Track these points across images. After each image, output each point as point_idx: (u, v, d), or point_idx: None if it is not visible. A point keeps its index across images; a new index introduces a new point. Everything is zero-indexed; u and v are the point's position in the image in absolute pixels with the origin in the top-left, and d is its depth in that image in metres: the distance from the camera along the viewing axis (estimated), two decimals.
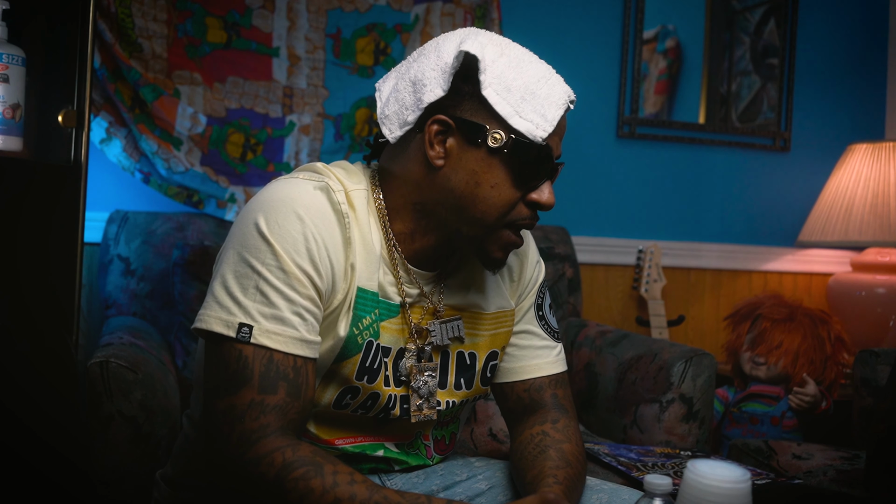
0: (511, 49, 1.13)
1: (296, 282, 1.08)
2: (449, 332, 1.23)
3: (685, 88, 3.05)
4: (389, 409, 1.21)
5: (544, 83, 1.12)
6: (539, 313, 1.33)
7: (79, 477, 1.51)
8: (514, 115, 1.10)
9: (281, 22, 2.46)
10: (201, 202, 2.39)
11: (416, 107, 1.13)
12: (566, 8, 2.85)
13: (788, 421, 2.44)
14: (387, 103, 1.17)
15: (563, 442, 1.23)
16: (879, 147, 2.85)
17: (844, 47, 3.18)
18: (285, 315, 1.07)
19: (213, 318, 1.08)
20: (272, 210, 1.09)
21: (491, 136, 1.10)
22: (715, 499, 0.92)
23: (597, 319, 2.85)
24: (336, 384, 1.17)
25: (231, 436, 1.05)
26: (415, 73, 1.14)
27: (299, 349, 1.08)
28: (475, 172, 1.12)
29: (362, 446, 1.23)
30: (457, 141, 1.12)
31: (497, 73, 1.10)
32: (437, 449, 1.32)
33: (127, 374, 1.67)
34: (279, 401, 1.06)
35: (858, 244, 2.85)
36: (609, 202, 2.94)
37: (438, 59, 1.12)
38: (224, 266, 1.10)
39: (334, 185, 1.14)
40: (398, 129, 1.15)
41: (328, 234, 1.11)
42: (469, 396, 1.28)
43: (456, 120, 1.11)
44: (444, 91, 1.11)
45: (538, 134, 1.10)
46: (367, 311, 1.16)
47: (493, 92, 1.09)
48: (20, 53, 1.56)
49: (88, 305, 2.38)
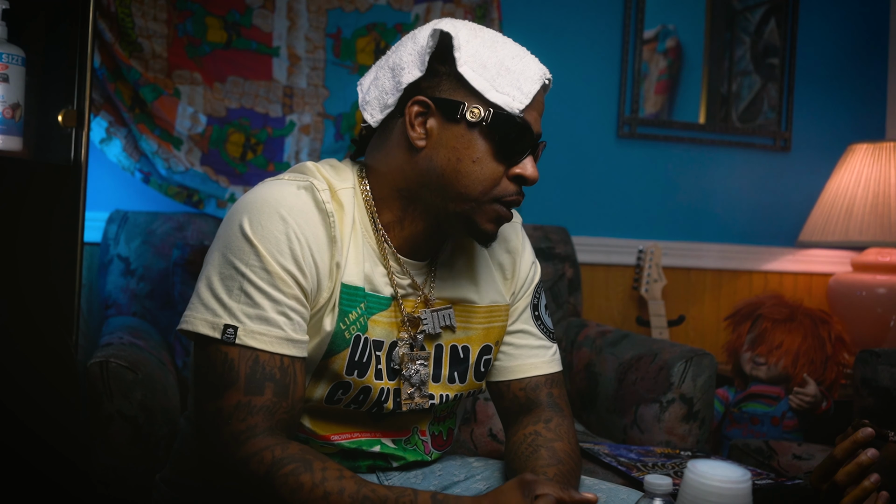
0: (484, 32, 1.16)
1: (280, 282, 1.09)
2: (441, 321, 1.24)
3: (685, 88, 3.04)
4: (382, 403, 1.21)
5: (518, 60, 1.15)
6: (535, 314, 1.34)
7: (79, 477, 1.51)
8: (490, 89, 1.12)
9: (281, 21, 2.46)
10: (201, 202, 2.39)
11: (395, 90, 1.15)
12: (566, 8, 2.85)
13: (789, 421, 2.43)
14: (368, 91, 1.20)
15: (555, 441, 1.24)
16: (880, 147, 2.85)
17: (845, 47, 3.18)
18: (270, 315, 1.08)
19: (199, 319, 1.09)
20: (255, 211, 1.11)
21: (469, 110, 1.12)
22: (715, 499, 0.92)
23: (597, 319, 2.85)
24: (327, 380, 1.18)
25: (220, 437, 1.06)
26: (394, 60, 1.18)
27: (285, 349, 1.09)
28: (456, 149, 1.14)
29: (358, 442, 1.23)
30: (437, 120, 1.14)
31: (472, 51, 1.13)
32: (435, 445, 1.33)
33: (127, 374, 1.67)
34: (266, 401, 1.07)
35: (859, 244, 2.85)
36: (609, 202, 2.93)
37: (415, 43, 1.16)
38: (209, 267, 1.11)
39: (319, 184, 1.15)
40: (379, 112, 1.18)
41: (312, 234, 1.12)
42: (463, 391, 1.29)
43: (435, 100, 1.14)
44: (422, 72, 1.13)
45: (515, 106, 1.13)
46: (353, 306, 1.17)
47: (468, 69, 1.12)
48: (20, 53, 1.56)
49: (88, 305, 2.38)
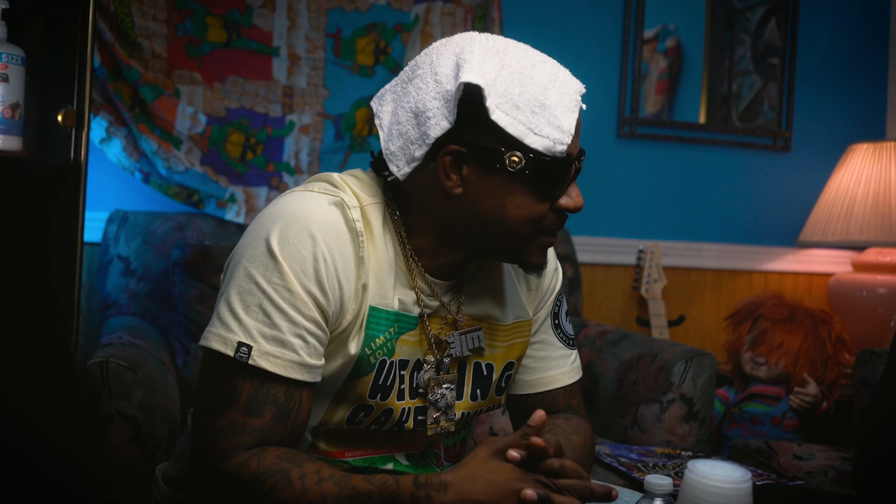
0: (510, 56, 1.07)
1: (300, 303, 1.05)
2: (469, 344, 1.20)
3: (686, 88, 3.04)
4: (403, 423, 1.18)
5: (552, 89, 1.06)
6: (555, 322, 1.31)
7: (79, 477, 1.50)
8: (528, 133, 1.04)
9: (281, 21, 2.45)
10: (201, 202, 2.38)
11: (422, 141, 1.07)
12: (566, 8, 2.85)
13: (789, 421, 2.43)
14: (389, 137, 1.11)
15: (572, 434, 1.23)
16: (880, 147, 2.85)
17: (845, 47, 3.18)
18: (286, 337, 1.04)
19: (213, 334, 1.06)
20: (284, 225, 1.06)
21: (508, 159, 1.05)
22: (715, 499, 0.92)
23: (597, 319, 2.85)
24: (348, 403, 1.14)
25: (207, 453, 1.05)
26: (415, 102, 1.08)
27: (296, 373, 1.05)
28: (498, 195, 1.07)
29: (372, 459, 1.20)
30: (472, 167, 1.07)
31: (501, 91, 1.03)
32: (448, 457, 1.30)
33: (127, 374, 1.67)
34: (262, 424, 1.04)
35: (859, 244, 2.85)
36: (609, 202, 2.93)
37: (438, 86, 1.06)
38: (230, 280, 1.08)
39: (350, 200, 1.10)
40: (406, 166, 1.09)
41: (339, 254, 1.07)
42: (483, 406, 1.26)
43: (468, 146, 1.06)
44: (451, 123, 1.05)
45: (557, 149, 1.05)
46: (381, 331, 1.12)
47: (501, 114, 1.03)
48: (20, 53, 1.56)
49: (88, 305, 2.37)
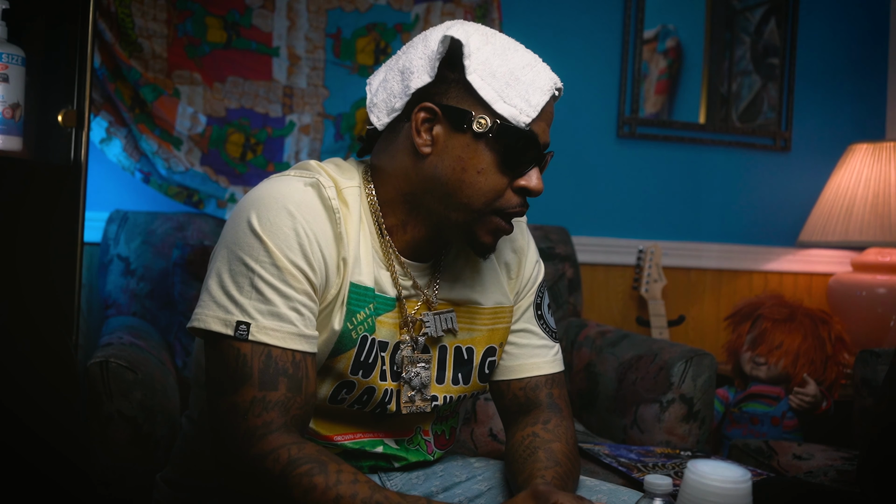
0: (497, 38, 1.15)
1: (290, 277, 1.09)
2: (443, 324, 1.24)
3: (685, 88, 3.04)
4: (386, 404, 1.21)
5: (529, 70, 1.13)
6: (538, 312, 1.34)
7: (79, 477, 1.51)
8: (498, 99, 1.11)
9: (281, 21, 2.46)
10: (201, 202, 2.39)
11: (403, 93, 1.15)
12: (566, 8, 2.85)
13: (789, 421, 2.43)
14: (376, 93, 1.20)
15: (553, 442, 1.24)
16: (880, 147, 2.85)
17: (845, 47, 3.18)
18: (282, 311, 1.08)
19: (211, 316, 1.08)
20: (263, 207, 1.11)
21: (476, 120, 1.12)
22: (715, 499, 0.92)
23: (597, 319, 2.85)
24: (331, 379, 1.18)
25: (236, 433, 1.06)
26: (403, 62, 1.17)
27: (297, 344, 1.09)
28: (461, 158, 1.13)
29: (361, 442, 1.23)
30: (443, 128, 1.13)
31: (482, 59, 1.11)
32: (438, 444, 1.33)
33: (127, 374, 1.67)
34: (281, 396, 1.07)
35: (859, 244, 2.85)
36: (609, 202, 2.93)
37: (426, 47, 1.15)
38: (218, 264, 1.11)
39: (325, 181, 1.16)
40: (386, 115, 1.18)
41: (319, 230, 1.12)
42: (466, 392, 1.29)
43: (442, 107, 1.13)
44: (431, 77, 1.12)
45: (522, 119, 1.12)
46: (362, 306, 1.17)
47: (477, 77, 1.11)
48: (20, 53, 1.56)
49: (88, 305, 2.37)
